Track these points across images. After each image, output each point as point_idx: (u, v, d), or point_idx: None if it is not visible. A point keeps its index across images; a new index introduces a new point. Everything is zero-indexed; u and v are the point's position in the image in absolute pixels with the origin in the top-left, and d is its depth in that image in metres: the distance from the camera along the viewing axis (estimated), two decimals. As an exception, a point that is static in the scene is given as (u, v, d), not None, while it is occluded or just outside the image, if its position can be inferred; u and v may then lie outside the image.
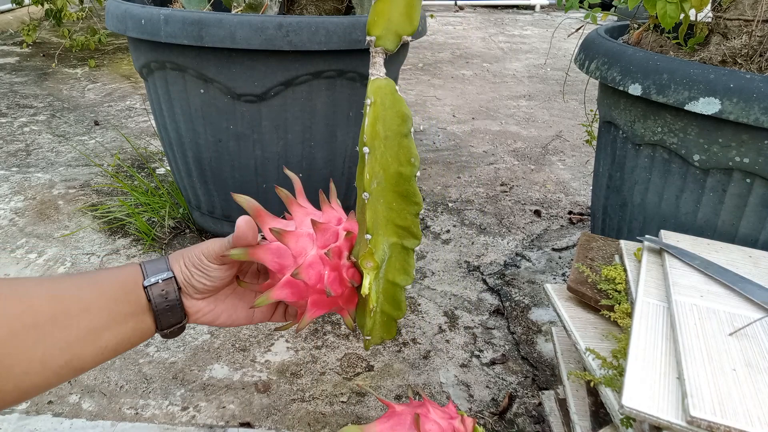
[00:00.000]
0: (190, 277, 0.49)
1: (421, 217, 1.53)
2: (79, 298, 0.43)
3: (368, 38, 0.43)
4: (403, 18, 0.43)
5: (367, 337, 0.54)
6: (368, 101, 0.44)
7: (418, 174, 0.48)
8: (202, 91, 1.06)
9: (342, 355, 1.00)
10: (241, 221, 0.48)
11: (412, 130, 0.46)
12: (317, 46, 0.98)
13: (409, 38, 0.44)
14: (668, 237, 0.70)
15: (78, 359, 0.43)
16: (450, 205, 1.58)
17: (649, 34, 0.99)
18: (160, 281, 0.48)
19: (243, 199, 0.50)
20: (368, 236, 0.48)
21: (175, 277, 0.49)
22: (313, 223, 0.48)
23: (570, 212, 1.57)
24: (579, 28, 1.31)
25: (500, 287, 1.22)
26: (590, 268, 0.71)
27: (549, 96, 2.66)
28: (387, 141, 0.46)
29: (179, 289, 0.49)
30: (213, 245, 0.49)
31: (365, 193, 0.46)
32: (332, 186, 0.55)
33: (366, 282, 0.49)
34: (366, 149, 0.45)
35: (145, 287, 0.47)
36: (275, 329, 0.61)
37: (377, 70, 0.44)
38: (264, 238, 0.51)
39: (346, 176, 1.23)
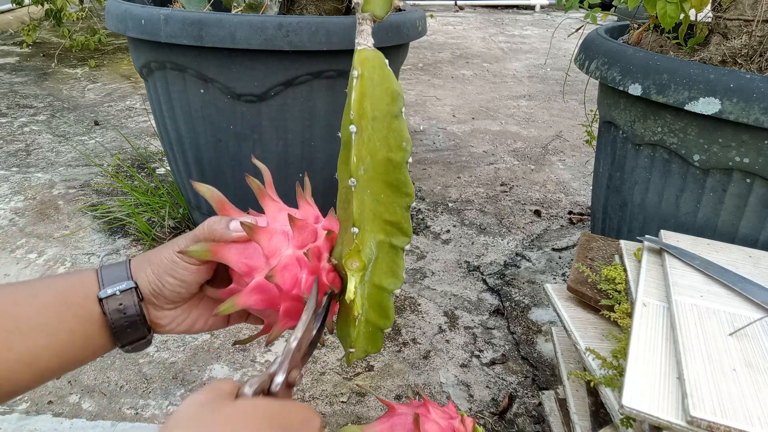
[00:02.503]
0: (161, 287, 0.42)
1: (421, 217, 1.52)
2: (13, 315, 0.38)
3: (355, 1, 0.39)
4: None
5: (351, 350, 0.47)
6: (355, 73, 0.38)
7: (410, 160, 0.42)
8: (202, 91, 1.06)
9: (342, 355, 1.00)
10: (212, 218, 0.43)
11: (403, 110, 0.41)
12: (317, 46, 0.98)
13: (401, 3, 0.39)
14: (668, 237, 0.70)
15: (9, 382, 0.37)
16: (450, 205, 1.58)
17: (649, 34, 0.99)
18: (117, 293, 0.41)
19: (205, 189, 0.44)
20: (355, 230, 0.42)
21: (137, 287, 0.42)
22: (291, 218, 0.42)
23: (570, 212, 1.57)
24: (579, 28, 1.31)
25: (500, 287, 1.22)
26: (590, 268, 0.71)
27: (549, 96, 2.66)
28: (375, 122, 0.40)
29: (141, 299, 0.42)
30: (181, 241, 0.43)
31: (352, 180, 0.40)
32: (307, 181, 0.48)
33: (351, 285, 0.42)
34: (353, 128, 0.39)
35: (100, 299, 0.40)
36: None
37: (364, 39, 0.39)
38: None
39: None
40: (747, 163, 0.75)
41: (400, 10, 1.32)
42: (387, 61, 0.40)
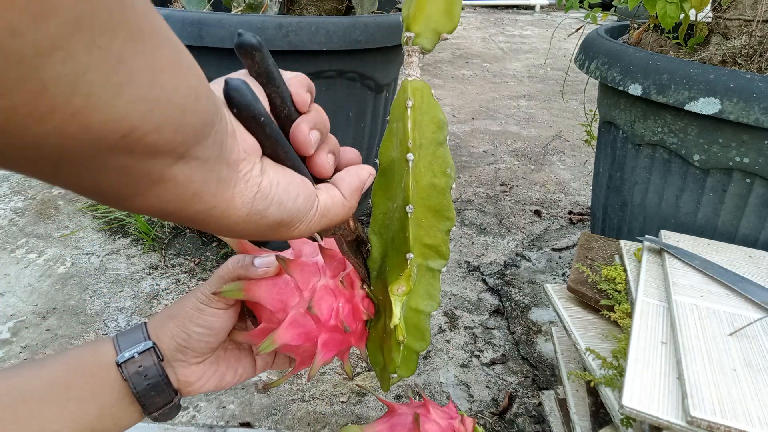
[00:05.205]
0: (187, 339, 0.41)
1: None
2: (15, 388, 0.36)
3: (407, 34, 0.39)
4: (443, 14, 0.38)
5: (393, 375, 0.47)
6: (409, 103, 0.40)
7: (453, 186, 0.43)
8: (202, 91, 1.06)
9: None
10: (234, 258, 0.42)
11: (447, 137, 0.42)
12: (317, 46, 0.98)
13: (448, 36, 0.39)
14: (668, 237, 0.70)
15: None
16: (450, 205, 1.58)
17: (649, 34, 0.99)
18: (136, 355, 0.39)
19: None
20: (410, 255, 0.43)
21: (155, 346, 0.40)
22: (321, 249, 0.42)
23: (570, 212, 1.57)
24: (579, 28, 1.31)
25: (500, 287, 1.22)
26: (590, 268, 0.71)
27: (549, 96, 2.66)
28: (421, 150, 0.41)
29: (161, 359, 0.41)
30: (204, 288, 0.41)
31: (410, 206, 0.41)
32: None
33: (396, 310, 0.42)
34: (410, 156, 0.40)
35: (118, 365, 0.39)
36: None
37: (413, 70, 0.40)
38: None
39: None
40: (747, 163, 0.75)
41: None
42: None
